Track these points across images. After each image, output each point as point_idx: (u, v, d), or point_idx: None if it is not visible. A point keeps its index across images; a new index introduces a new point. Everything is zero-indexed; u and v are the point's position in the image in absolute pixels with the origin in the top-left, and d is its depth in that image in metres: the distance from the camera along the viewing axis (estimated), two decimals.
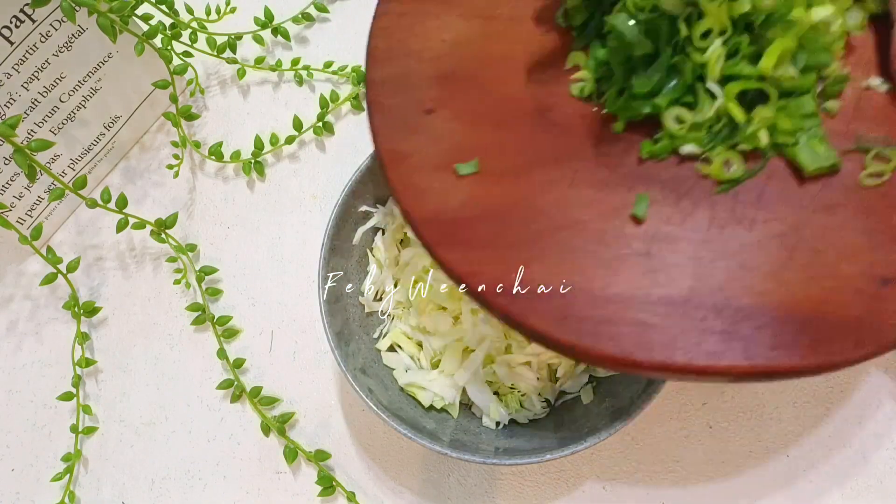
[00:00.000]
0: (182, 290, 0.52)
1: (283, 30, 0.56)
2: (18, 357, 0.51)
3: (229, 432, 0.48)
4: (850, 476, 0.43)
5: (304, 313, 0.50)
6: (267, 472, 0.46)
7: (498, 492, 0.44)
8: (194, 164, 0.55)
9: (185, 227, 0.53)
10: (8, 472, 0.48)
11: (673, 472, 0.44)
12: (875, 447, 0.43)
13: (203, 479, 0.47)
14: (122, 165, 0.56)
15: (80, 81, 0.49)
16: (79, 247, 0.54)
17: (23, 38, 0.45)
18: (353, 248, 0.45)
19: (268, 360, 0.49)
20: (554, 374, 0.43)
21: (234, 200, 0.54)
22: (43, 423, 0.49)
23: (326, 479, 0.44)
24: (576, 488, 0.44)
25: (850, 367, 0.30)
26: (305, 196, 0.53)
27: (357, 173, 0.43)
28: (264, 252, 0.52)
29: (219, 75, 0.58)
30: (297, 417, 0.47)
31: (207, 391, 0.49)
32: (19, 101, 0.46)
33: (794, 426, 0.44)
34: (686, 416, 0.44)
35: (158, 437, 0.48)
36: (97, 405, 0.49)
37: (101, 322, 0.52)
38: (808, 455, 0.43)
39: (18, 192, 0.50)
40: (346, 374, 0.39)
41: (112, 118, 0.53)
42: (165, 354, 0.50)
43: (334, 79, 0.56)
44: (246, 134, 0.55)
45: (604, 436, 0.37)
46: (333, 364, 0.48)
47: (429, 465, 0.45)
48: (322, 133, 0.54)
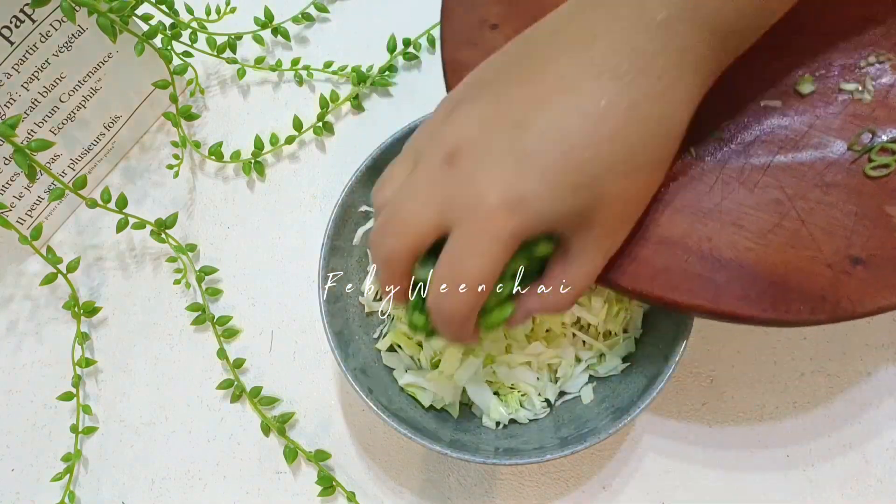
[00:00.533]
0: (182, 290, 0.52)
1: (283, 30, 0.56)
2: (18, 357, 0.51)
3: (229, 432, 0.48)
4: (850, 476, 0.43)
5: (304, 313, 0.50)
6: (267, 472, 0.46)
7: (498, 492, 0.44)
8: (194, 164, 0.55)
9: (185, 227, 0.53)
10: (8, 472, 0.48)
11: (673, 472, 0.44)
12: (875, 447, 0.43)
13: (203, 479, 0.47)
14: (122, 165, 0.56)
15: (80, 81, 0.49)
16: (79, 247, 0.54)
17: (23, 38, 0.45)
18: (353, 248, 0.45)
19: (268, 360, 0.49)
20: (554, 374, 0.43)
21: (234, 200, 0.54)
22: (43, 423, 0.49)
23: (326, 479, 0.44)
24: (576, 488, 0.44)
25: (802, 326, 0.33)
26: (305, 196, 0.53)
27: (357, 173, 0.43)
28: (264, 252, 0.52)
29: (219, 75, 0.58)
30: (297, 417, 0.47)
31: (207, 391, 0.49)
32: (19, 101, 0.46)
33: (794, 426, 0.44)
34: (686, 416, 0.44)
35: (158, 437, 0.48)
36: (97, 405, 0.49)
37: (101, 322, 0.52)
38: (808, 455, 0.43)
39: (18, 192, 0.50)
40: (346, 374, 0.39)
41: (112, 118, 0.53)
42: (165, 354, 0.50)
43: (334, 79, 0.56)
44: (246, 134, 0.55)
45: (604, 436, 0.37)
46: (333, 364, 0.48)
47: (429, 465, 0.45)
48: (322, 133, 0.54)
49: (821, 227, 0.34)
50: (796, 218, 0.34)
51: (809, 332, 0.46)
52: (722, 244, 0.34)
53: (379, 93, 0.55)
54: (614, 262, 0.34)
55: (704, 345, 0.46)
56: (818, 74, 0.35)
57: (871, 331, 0.45)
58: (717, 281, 0.33)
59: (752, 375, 0.45)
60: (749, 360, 0.45)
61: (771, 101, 0.36)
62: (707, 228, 0.34)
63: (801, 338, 0.46)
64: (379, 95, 0.55)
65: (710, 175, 0.35)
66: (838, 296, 0.33)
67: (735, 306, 0.33)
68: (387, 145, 0.43)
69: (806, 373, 0.45)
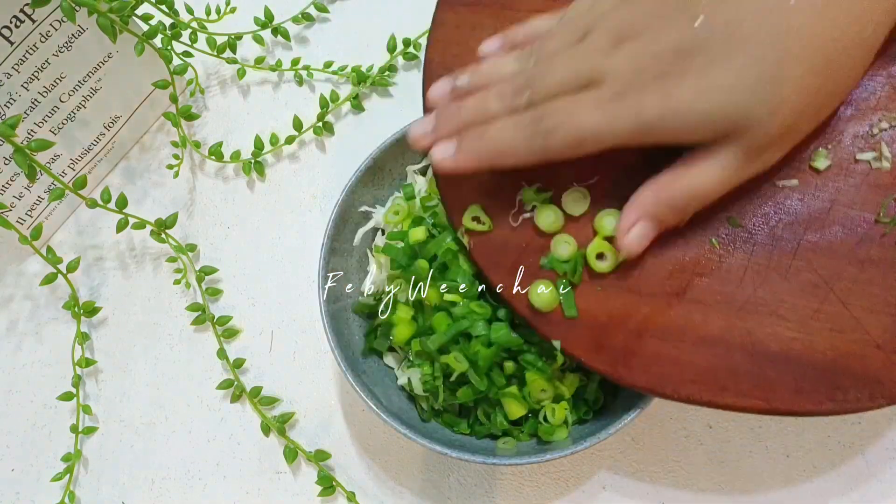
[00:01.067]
0: (182, 290, 0.52)
1: (283, 30, 0.56)
2: (18, 357, 0.51)
3: (229, 432, 0.48)
4: (850, 476, 0.43)
5: (304, 313, 0.50)
6: (267, 472, 0.46)
7: (498, 492, 0.44)
8: (194, 164, 0.55)
9: (185, 227, 0.53)
10: (8, 472, 0.48)
11: (673, 472, 0.44)
12: (875, 447, 0.43)
13: (203, 479, 0.47)
14: (122, 165, 0.56)
15: (80, 81, 0.49)
16: (79, 247, 0.54)
17: (23, 38, 0.45)
18: (353, 249, 0.45)
19: (268, 360, 0.49)
20: None
21: (234, 200, 0.54)
22: (43, 423, 0.49)
23: (326, 479, 0.44)
24: (576, 488, 0.44)
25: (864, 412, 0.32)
26: (305, 196, 0.53)
27: (357, 173, 0.43)
28: (264, 252, 0.52)
29: (219, 75, 0.58)
30: (297, 417, 0.47)
31: (207, 391, 0.49)
32: (19, 101, 0.46)
33: (794, 426, 0.44)
34: (686, 416, 0.44)
35: (158, 437, 0.48)
36: (97, 405, 0.49)
37: (101, 322, 0.52)
38: (808, 455, 0.43)
39: (18, 192, 0.50)
40: (346, 374, 0.39)
41: (112, 118, 0.53)
42: (165, 354, 0.50)
43: (334, 79, 0.56)
44: (246, 134, 0.55)
45: (604, 436, 0.37)
46: (333, 364, 0.48)
47: (429, 465, 0.45)
48: (322, 133, 0.54)
49: (863, 307, 0.32)
50: (836, 300, 0.33)
51: None
52: (765, 337, 0.33)
53: (379, 93, 0.55)
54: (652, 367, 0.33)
55: None
56: (830, 147, 0.34)
57: None
58: (767, 377, 0.32)
59: None
60: None
61: (787, 181, 0.34)
62: (746, 322, 0.33)
63: None
64: (379, 95, 0.55)
65: (737, 266, 0.34)
66: (894, 377, 0.31)
67: (791, 402, 0.32)
68: (387, 145, 0.43)
69: None
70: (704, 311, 0.33)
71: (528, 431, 0.40)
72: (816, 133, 0.33)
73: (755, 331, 0.33)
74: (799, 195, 0.34)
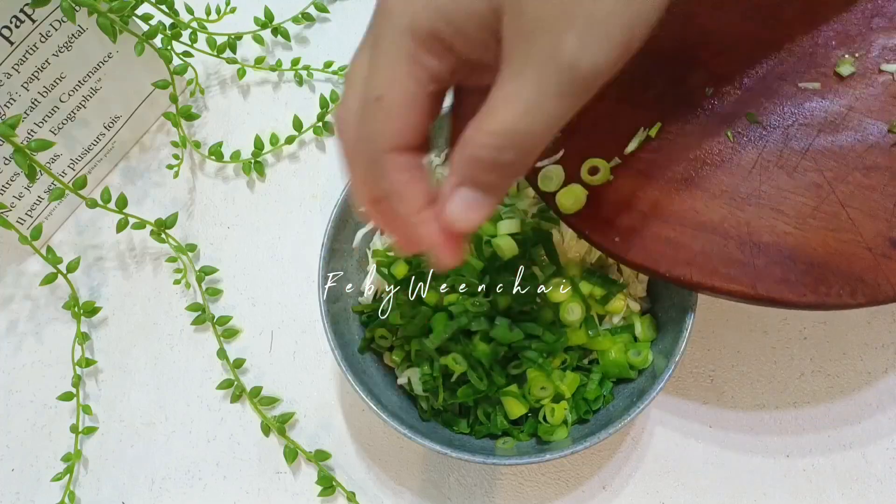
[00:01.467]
0: (182, 290, 0.52)
1: (283, 30, 0.56)
2: (18, 357, 0.51)
3: (229, 432, 0.48)
4: (850, 476, 0.43)
5: (304, 313, 0.50)
6: (267, 472, 0.46)
7: (498, 492, 0.44)
8: (194, 164, 0.55)
9: (185, 227, 0.53)
10: (8, 472, 0.48)
11: (673, 471, 0.44)
12: (875, 447, 0.43)
13: (203, 479, 0.47)
14: (122, 165, 0.56)
15: (80, 81, 0.49)
16: (79, 247, 0.54)
17: (23, 38, 0.45)
18: (353, 249, 0.45)
19: (268, 360, 0.49)
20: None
21: (234, 200, 0.54)
22: (43, 423, 0.49)
23: (326, 479, 0.44)
24: (576, 488, 0.44)
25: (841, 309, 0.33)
26: (305, 196, 0.53)
27: None
28: (264, 252, 0.52)
29: (219, 75, 0.58)
30: (297, 417, 0.47)
31: (207, 391, 0.49)
32: (19, 101, 0.46)
33: (794, 426, 0.44)
34: (686, 416, 0.44)
35: (158, 437, 0.48)
36: (97, 405, 0.49)
37: (101, 322, 0.52)
38: (808, 455, 0.43)
39: (18, 192, 0.50)
40: (346, 375, 0.39)
41: (112, 118, 0.53)
42: (165, 354, 0.50)
43: (334, 79, 0.56)
44: (246, 134, 0.55)
45: (603, 436, 0.37)
46: (333, 364, 0.48)
47: (429, 465, 0.45)
48: (322, 133, 0.54)
49: (861, 211, 0.33)
50: (836, 202, 0.34)
51: (809, 332, 0.46)
52: (761, 228, 0.34)
53: None
54: (651, 247, 0.34)
55: (704, 345, 0.46)
56: (858, 55, 0.35)
57: (871, 331, 0.45)
58: (755, 265, 0.33)
59: (752, 375, 0.45)
60: (749, 360, 0.45)
61: (809, 83, 0.35)
62: (745, 213, 0.34)
63: (801, 338, 0.46)
64: None
65: (748, 159, 0.35)
66: (878, 279, 0.32)
67: (774, 290, 0.33)
68: None
69: (806, 373, 0.45)
70: (708, 200, 0.35)
71: (528, 431, 0.40)
72: (845, 40, 0.35)
73: (753, 222, 0.34)
74: (819, 98, 0.35)
